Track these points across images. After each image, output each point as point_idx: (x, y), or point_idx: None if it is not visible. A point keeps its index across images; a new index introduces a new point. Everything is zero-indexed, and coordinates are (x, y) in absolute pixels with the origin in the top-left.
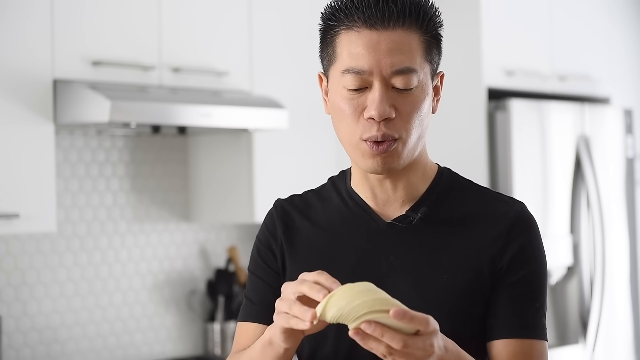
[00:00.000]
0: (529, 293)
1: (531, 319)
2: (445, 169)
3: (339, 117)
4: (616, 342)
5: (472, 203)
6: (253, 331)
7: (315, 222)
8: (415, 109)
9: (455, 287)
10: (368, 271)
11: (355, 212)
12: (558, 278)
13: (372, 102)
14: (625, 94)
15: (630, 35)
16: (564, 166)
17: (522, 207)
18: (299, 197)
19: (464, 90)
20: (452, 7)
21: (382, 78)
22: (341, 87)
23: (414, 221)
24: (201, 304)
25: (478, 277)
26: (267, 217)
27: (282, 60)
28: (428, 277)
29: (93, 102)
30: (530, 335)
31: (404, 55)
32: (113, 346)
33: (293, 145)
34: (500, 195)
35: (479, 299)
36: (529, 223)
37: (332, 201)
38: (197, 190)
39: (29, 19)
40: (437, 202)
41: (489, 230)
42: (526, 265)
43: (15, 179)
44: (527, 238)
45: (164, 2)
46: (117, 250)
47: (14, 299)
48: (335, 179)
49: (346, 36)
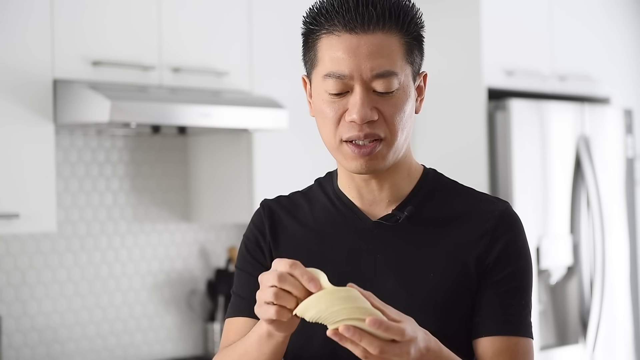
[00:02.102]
0: (514, 291)
1: (517, 317)
2: (430, 169)
3: (322, 121)
4: (616, 342)
5: (457, 203)
6: (243, 326)
7: (302, 221)
8: (397, 110)
9: (441, 284)
10: (355, 269)
11: (342, 211)
12: (558, 278)
13: (354, 106)
14: (625, 94)
15: (630, 35)
16: (564, 166)
17: (506, 206)
18: (286, 198)
19: (464, 90)
20: (452, 7)
21: (363, 82)
22: (323, 92)
23: (401, 220)
24: (201, 304)
25: (464, 274)
26: (254, 216)
27: (282, 60)
28: (415, 275)
29: (93, 102)
30: (516, 332)
31: (384, 59)
32: (113, 346)
33: (293, 145)
34: (485, 195)
35: (466, 297)
36: (514, 221)
37: (318, 201)
38: (197, 190)
39: (29, 19)
40: (423, 202)
41: (475, 229)
42: (512, 263)
43: (15, 179)
44: (512, 236)
45: (164, 2)
46: (117, 250)
47: (14, 299)
48: (321, 180)
49: (327, 40)
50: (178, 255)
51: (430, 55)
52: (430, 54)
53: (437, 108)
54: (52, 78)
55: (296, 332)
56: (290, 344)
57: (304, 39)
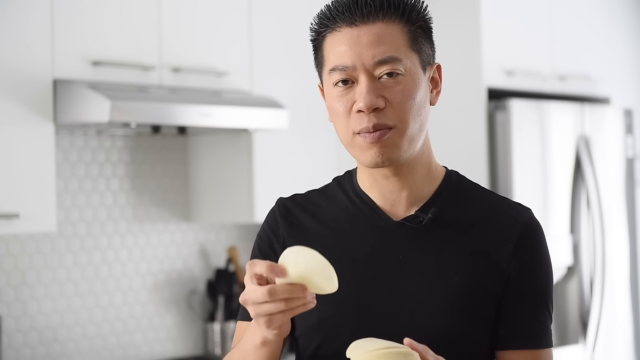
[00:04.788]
0: (539, 302)
1: (542, 329)
2: (453, 172)
3: (335, 118)
4: (616, 342)
5: (480, 207)
6: None
7: (321, 220)
8: (406, 97)
9: (465, 288)
10: (377, 269)
11: (362, 210)
12: (558, 278)
13: (360, 94)
14: (625, 94)
15: (630, 35)
16: (564, 166)
17: (530, 213)
18: (302, 196)
19: (464, 90)
20: (452, 7)
21: (366, 70)
22: (331, 88)
23: (424, 221)
24: (201, 304)
25: (488, 280)
26: (269, 215)
27: (282, 60)
28: (437, 279)
29: (93, 102)
30: (541, 345)
31: (386, 46)
32: (113, 346)
33: (293, 145)
34: (507, 200)
35: (487, 301)
36: (538, 230)
37: (337, 199)
38: (197, 190)
39: (29, 19)
40: (446, 205)
41: (498, 234)
42: (536, 273)
43: (15, 179)
44: (537, 246)
45: (164, 2)
46: (117, 250)
47: (14, 299)
48: (340, 178)
49: (330, 38)
50: (178, 255)
51: None
52: None
53: (437, 108)
54: (52, 78)
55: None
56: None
57: (313, 45)
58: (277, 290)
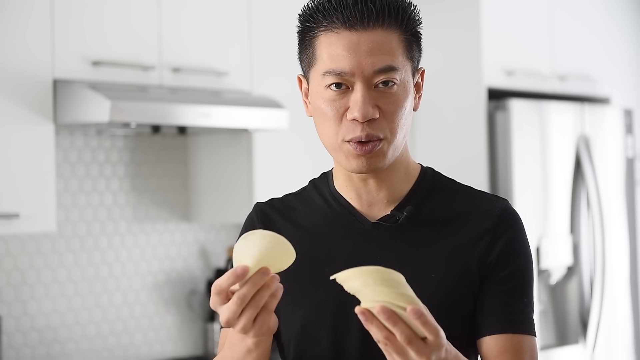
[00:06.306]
0: (516, 288)
1: (519, 314)
2: (428, 168)
3: (321, 120)
4: (616, 342)
5: (456, 202)
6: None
7: (298, 224)
8: (398, 108)
9: (443, 285)
10: None
11: (339, 213)
12: (558, 278)
13: (355, 103)
14: (625, 94)
15: (630, 35)
16: (564, 166)
17: (506, 203)
18: (279, 200)
19: (464, 90)
20: (452, 7)
21: (364, 79)
22: (322, 90)
23: (400, 220)
24: (201, 304)
25: (466, 274)
26: (247, 221)
27: (282, 60)
28: (416, 276)
29: (93, 102)
30: (520, 330)
31: (385, 55)
32: (113, 346)
33: (293, 145)
34: (484, 193)
35: (468, 296)
36: (514, 219)
37: (314, 203)
38: (197, 190)
39: (29, 19)
40: (422, 202)
41: (475, 228)
42: (513, 261)
43: (15, 179)
44: (513, 234)
45: (164, 2)
46: (117, 250)
47: (14, 299)
48: (316, 181)
49: (325, 38)
50: (178, 255)
51: (430, 55)
52: (431, 54)
53: (437, 108)
54: (52, 78)
55: (299, 337)
56: (292, 345)
57: (300, 37)
58: (243, 293)
